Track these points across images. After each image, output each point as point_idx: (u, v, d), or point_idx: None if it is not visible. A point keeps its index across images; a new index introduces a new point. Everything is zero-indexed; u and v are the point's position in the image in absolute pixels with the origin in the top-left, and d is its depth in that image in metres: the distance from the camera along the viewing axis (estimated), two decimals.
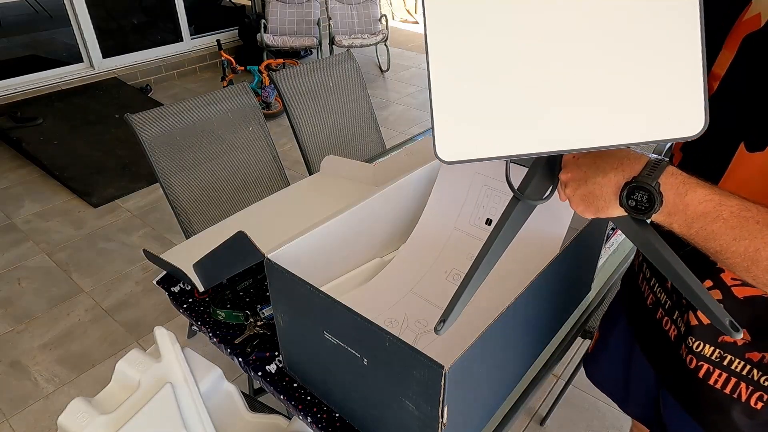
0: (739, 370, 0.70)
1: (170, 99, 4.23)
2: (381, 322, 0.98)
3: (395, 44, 5.39)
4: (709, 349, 0.72)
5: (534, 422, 1.72)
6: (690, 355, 0.74)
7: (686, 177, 0.53)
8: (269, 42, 4.42)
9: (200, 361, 0.99)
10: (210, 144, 1.66)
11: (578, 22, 0.48)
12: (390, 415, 0.76)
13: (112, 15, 4.37)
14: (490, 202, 1.06)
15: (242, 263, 0.92)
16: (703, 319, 0.71)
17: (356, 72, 2.09)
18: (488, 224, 1.05)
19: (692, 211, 0.52)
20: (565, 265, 0.92)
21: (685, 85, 0.47)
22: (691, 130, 0.47)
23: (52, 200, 2.91)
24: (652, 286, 0.84)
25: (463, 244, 1.08)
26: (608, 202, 0.55)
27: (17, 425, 1.72)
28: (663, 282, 0.80)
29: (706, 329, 0.71)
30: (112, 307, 2.19)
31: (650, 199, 0.52)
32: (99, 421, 0.84)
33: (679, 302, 0.76)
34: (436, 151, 0.53)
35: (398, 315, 1.00)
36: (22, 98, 3.78)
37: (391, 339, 0.67)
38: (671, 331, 0.79)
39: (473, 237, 1.07)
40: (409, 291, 1.05)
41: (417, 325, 0.98)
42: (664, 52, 0.47)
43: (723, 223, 0.51)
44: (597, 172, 0.55)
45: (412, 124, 3.89)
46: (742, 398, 0.71)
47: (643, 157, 0.54)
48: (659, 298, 0.82)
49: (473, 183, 1.08)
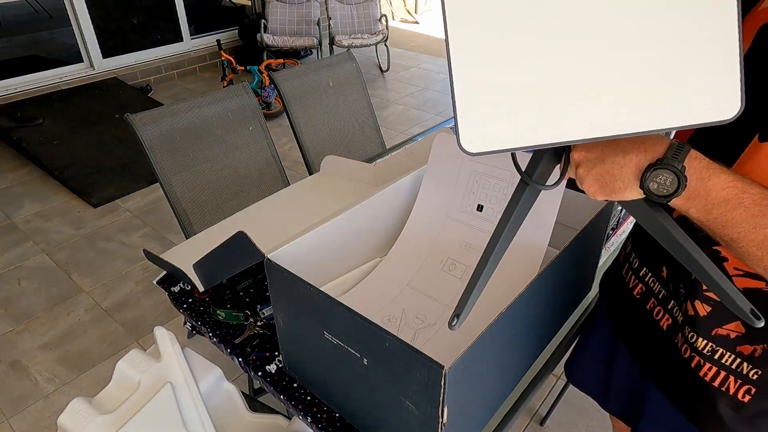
0: (728, 364, 0.70)
1: (170, 99, 4.23)
2: (379, 320, 0.98)
3: (395, 44, 5.39)
4: (701, 342, 0.72)
5: (534, 422, 1.72)
6: (685, 344, 0.75)
7: (709, 162, 0.51)
8: (269, 42, 4.42)
9: (200, 361, 0.99)
10: (210, 144, 1.66)
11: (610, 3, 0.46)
12: (390, 415, 0.76)
13: (112, 15, 4.37)
14: (480, 188, 1.05)
15: (242, 263, 0.92)
16: (700, 311, 0.71)
17: (356, 72, 2.09)
18: (479, 210, 1.05)
19: (714, 196, 0.51)
20: (565, 265, 0.92)
21: (721, 65, 0.44)
22: (726, 114, 0.45)
23: (52, 200, 2.91)
24: (642, 276, 0.83)
25: (456, 232, 1.07)
26: (627, 184, 0.53)
27: (17, 425, 1.72)
28: (657, 272, 0.80)
29: (702, 321, 0.71)
30: (112, 307, 2.19)
31: (674, 182, 0.50)
32: (99, 421, 0.84)
33: (676, 292, 0.76)
34: (460, 143, 0.51)
35: (396, 311, 1.00)
36: (22, 98, 3.78)
37: (391, 339, 0.67)
38: (664, 320, 0.79)
39: (466, 224, 1.06)
40: (405, 285, 1.05)
41: (415, 320, 0.98)
42: (701, 31, 0.44)
43: (744, 211, 0.50)
44: (616, 152, 0.52)
45: (412, 124, 3.89)
46: (730, 391, 0.71)
47: (665, 140, 0.52)
48: (651, 288, 0.81)
49: (462, 171, 1.07)
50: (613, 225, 1.37)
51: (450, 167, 1.08)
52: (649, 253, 0.83)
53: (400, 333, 0.95)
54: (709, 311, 0.70)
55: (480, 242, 1.03)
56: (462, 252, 1.05)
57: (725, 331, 0.69)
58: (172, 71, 4.61)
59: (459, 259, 1.04)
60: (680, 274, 0.75)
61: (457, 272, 1.03)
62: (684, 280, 0.74)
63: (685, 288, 0.74)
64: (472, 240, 1.05)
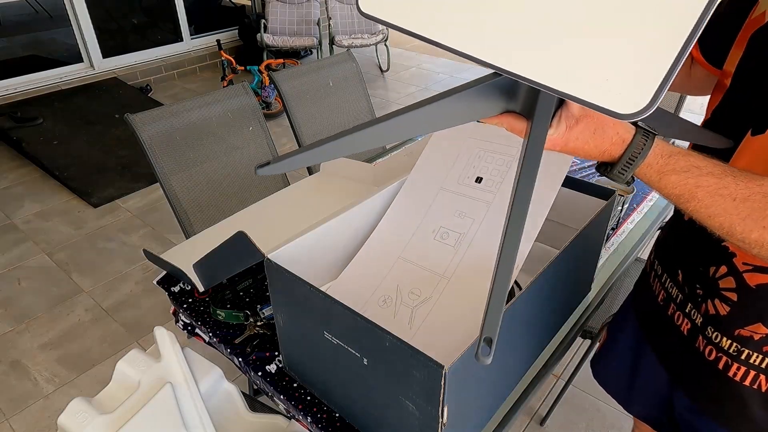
0: (757, 364, 0.70)
1: (170, 99, 4.23)
2: (376, 302, 0.97)
3: (395, 44, 5.38)
4: (726, 341, 0.72)
5: (534, 422, 1.72)
6: (709, 345, 0.74)
7: (663, 164, 0.55)
8: (269, 42, 4.42)
9: (200, 361, 0.99)
10: (210, 144, 1.66)
11: None
12: (390, 415, 0.76)
13: (112, 15, 4.37)
14: (482, 162, 1.03)
15: (242, 263, 0.92)
16: (720, 310, 0.71)
17: (356, 72, 2.09)
18: (478, 182, 1.02)
19: (667, 193, 0.56)
20: (565, 265, 0.92)
21: (655, 54, 0.40)
22: (628, 107, 0.41)
23: (52, 200, 2.91)
24: (663, 282, 0.84)
25: (450, 201, 1.04)
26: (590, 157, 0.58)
27: (17, 425, 1.72)
28: (674, 276, 0.81)
29: (724, 320, 0.71)
30: (112, 307, 2.19)
31: None
32: (99, 421, 0.84)
33: (692, 293, 0.76)
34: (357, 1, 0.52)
35: (391, 289, 0.98)
36: (22, 98, 3.78)
37: (390, 339, 0.67)
38: (684, 325, 0.79)
39: (461, 195, 1.03)
40: (397, 258, 1.02)
41: (411, 296, 0.95)
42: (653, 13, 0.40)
43: (697, 203, 0.54)
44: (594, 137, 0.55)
45: None
46: (762, 389, 0.71)
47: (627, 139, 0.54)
48: (670, 293, 0.82)
49: (463, 148, 1.05)
50: (613, 225, 1.37)
51: (449, 148, 1.06)
52: (668, 258, 0.84)
53: (398, 313, 0.93)
54: (729, 311, 0.70)
55: (476, 211, 0.99)
56: (456, 220, 1.01)
57: (748, 332, 0.69)
58: (172, 71, 4.61)
59: (453, 228, 1.01)
60: (696, 275, 0.75)
61: (450, 240, 0.99)
62: (700, 281, 0.74)
63: (702, 288, 0.74)
64: (467, 208, 1.01)
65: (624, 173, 0.55)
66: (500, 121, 0.56)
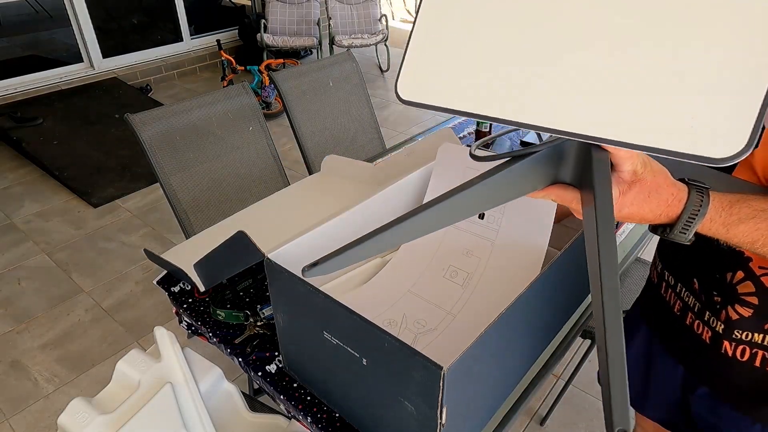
0: None
1: (170, 99, 4.23)
2: (380, 323, 0.97)
3: (395, 44, 5.38)
4: (759, 336, 0.72)
5: (534, 422, 1.72)
6: (741, 345, 0.74)
7: (726, 217, 0.54)
8: (269, 42, 4.42)
9: (200, 361, 0.99)
10: (210, 144, 1.66)
11: None
12: (389, 416, 0.76)
13: (112, 15, 4.37)
14: None
15: (242, 263, 0.92)
16: (743, 312, 0.71)
17: (356, 72, 2.09)
18: (481, 218, 1.05)
19: (737, 242, 0.56)
20: (566, 266, 0.92)
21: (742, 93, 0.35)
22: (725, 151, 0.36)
23: (52, 200, 2.91)
24: (678, 292, 0.84)
25: (458, 239, 1.07)
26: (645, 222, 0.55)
27: (17, 425, 1.72)
28: (689, 285, 0.80)
29: (748, 320, 0.72)
30: (112, 307, 2.19)
31: None
32: (99, 421, 0.84)
33: (710, 301, 0.76)
34: (396, 88, 0.50)
35: (397, 315, 1.00)
36: (22, 98, 3.78)
37: (390, 339, 0.67)
38: (705, 334, 0.79)
39: (468, 232, 1.07)
40: (407, 291, 1.05)
41: (416, 325, 0.98)
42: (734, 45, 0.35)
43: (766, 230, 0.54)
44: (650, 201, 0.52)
45: (412, 124, 3.89)
46: None
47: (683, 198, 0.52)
48: (687, 302, 0.82)
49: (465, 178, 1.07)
50: None
51: (453, 177, 1.08)
52: (680, 268, 0.84)
53: (401, 336, 0.95)
54: (752, 313, 0.71)
55: (481, 250, 1.04)
56: (464, 259, 1.05)
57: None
58: (172, 71, 4.61)
59: (461, 267, 1.04)
60: (713, 283, 0.75)
61: (458, 279, 1.03)
62: (717, 288, 0.74)
63: (720, 295, 0.74)
64: (474, 247, 1.05)
65: (686, 232, 0.53)
66: (548, 194, 0.53)
